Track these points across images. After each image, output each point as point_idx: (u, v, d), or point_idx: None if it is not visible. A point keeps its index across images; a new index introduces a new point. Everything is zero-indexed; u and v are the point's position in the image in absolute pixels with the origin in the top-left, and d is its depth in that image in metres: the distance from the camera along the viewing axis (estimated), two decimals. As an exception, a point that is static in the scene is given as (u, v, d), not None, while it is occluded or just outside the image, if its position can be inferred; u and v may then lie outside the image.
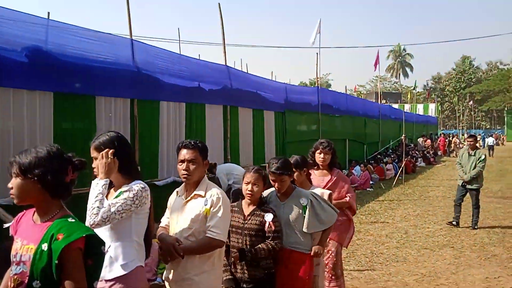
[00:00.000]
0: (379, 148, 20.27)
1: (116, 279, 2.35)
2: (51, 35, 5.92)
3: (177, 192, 2.91)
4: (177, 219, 2.79)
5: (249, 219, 3.03)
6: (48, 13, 7.57)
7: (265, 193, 3.25)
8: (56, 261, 1.72)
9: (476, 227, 7.95)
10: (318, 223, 3.15)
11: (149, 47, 7.52)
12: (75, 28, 6.24)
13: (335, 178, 4.18)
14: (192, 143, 2.77)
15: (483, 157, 8.13)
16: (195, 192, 2.74)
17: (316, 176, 4.18)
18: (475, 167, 8.02)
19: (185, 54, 8.93)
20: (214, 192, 2.72)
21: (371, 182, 13.82)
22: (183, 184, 2.85)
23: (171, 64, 7.82)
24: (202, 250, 2.66)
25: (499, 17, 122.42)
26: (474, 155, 8.14)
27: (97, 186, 2.35)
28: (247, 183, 3.04)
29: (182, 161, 2.73)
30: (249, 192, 3.03)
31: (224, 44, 9.50)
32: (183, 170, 2.72)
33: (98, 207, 2.28)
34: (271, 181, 3.20)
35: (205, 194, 2.72)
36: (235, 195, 7.29)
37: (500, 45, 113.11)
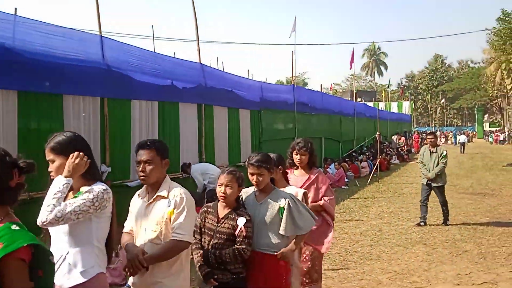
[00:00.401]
0: (354, 146, 20.49)
1: (75, 287, 2.24)
2: (15, 32, 5.67)
3: (138, 194, 2.80)
4: (141, 223, 2.69)
5: (223, 222, 2.95)
6: (15, 8, 7.30)
7: (245, 191, 3.18)
8: None
9: (447, 223, 8.08)
10: (294, 227, 3.08)
11: (119, 44, 7.32)
12: (41, 24, 5.99)
13: (314, 177, 4.08)
14: (148, 143, 2.67)
15: (444, 153, 8.19)
16: (157, 194, 2.65)
17: (295, 176, 4.10)
18: (438, 164, 8.08)
19: (159, 52, 8.77)
20: (177, 193, 2.62)
21: (346, 180, 13.93)
22: (144, 186, 2.75)
23: (143, 62, 7.64)
24: (169, 255, 2.58)
25: (469, 16, 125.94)
26: (436, 152, 8.18)
27: (58, 183, 2.22)
28: (220, 185, 2.95)
29: (139, 163, 2.64)
30: (222, 195, 2.94)
31: (198, 41, 9.37)
32: (140, 171, 2.63)
33: (54, 204, 2.16)
34: (249, 175, 3.12)
35: (167, 194, 2.63)
36: (210, 195, 7.19)
37: (470, 44, 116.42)
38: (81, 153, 2.29)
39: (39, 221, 2.16)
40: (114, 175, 6.91)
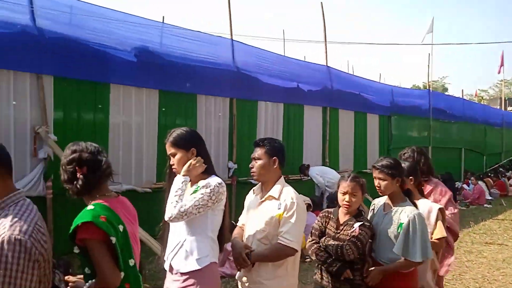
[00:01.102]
0: (501, 160, 18.04)
1: (190, 273, 2.35)
2: (157, 37, 6.31)
3: (253, 190, 2.82)
4: (252, 219, 2.70)
5: (342, 229, 2.83)
6: (163, 17, 8.15)
7: (377, 200, 3.03)
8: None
9: None
10: (405, 249, 2.69)
11: (248, 48, 7.63)
12: (180, 29, 6.57)
13: (430, 189, 3.57)
14: (258, 141, 2.71)
15: None
16: (269, 194, 2.62)
17: None
18: None
19: (288, 55, 8.91)
20: (288, 197, 2.55)
21: (489, 198, 12.28)
22: (260, 183, 2.75)
23: (270, 64, 7.85)
24: (273, 258, 2.53)
25: None
26: None
27: (178, 182, 2.38)
28: (344, 193, 2.81)
29: (251, 159, 2.68)
30: (347, 203, 2.79)
31: (326, 43, 9.25)
32: (250, 167, 2.67)
33: (176, 201, 2.32)
34: (373, 178, 2.89)
35: (278, 196, 2.58)
36: (330, 200, 7.02)
37: None
38: (200, 158, 2.43)
39: (166, 217, 2.34)
40: (240, 172, 7.20)
